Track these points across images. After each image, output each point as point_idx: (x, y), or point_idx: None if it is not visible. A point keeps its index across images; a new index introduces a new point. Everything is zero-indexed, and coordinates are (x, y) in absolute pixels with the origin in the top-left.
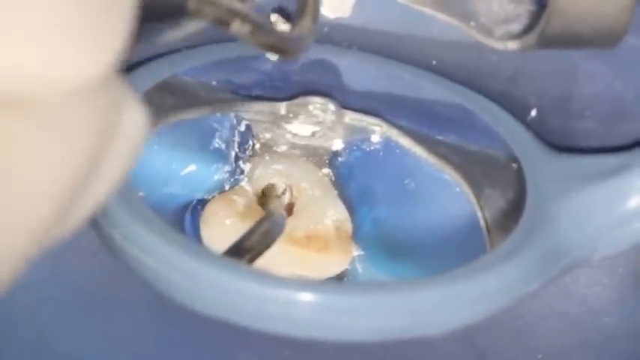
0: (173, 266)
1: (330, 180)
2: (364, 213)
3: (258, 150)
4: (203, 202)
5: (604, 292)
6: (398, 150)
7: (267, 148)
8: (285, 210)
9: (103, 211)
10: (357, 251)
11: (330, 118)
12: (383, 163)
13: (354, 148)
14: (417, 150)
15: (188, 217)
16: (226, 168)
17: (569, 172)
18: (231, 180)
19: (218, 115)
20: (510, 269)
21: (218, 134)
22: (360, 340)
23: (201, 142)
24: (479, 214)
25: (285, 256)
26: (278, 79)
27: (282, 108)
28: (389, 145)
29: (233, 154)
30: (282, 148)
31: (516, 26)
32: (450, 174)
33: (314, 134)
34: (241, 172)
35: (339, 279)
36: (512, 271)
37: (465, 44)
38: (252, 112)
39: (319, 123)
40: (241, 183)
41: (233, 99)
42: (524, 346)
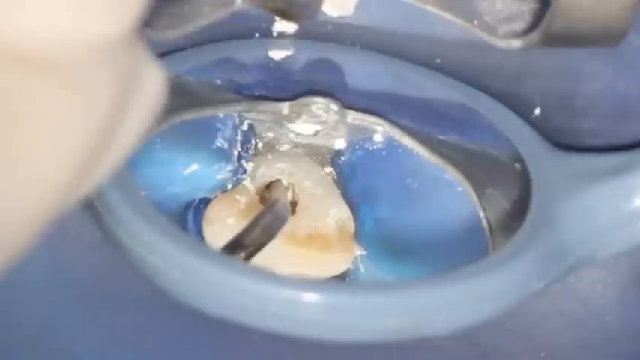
0: (177, 264)
1: (333, 179)
2: (367, 212)
3: (260, 149)
4: (206, 202)
5: (606, 291)
6: (400, 150)
7: (270, 147)
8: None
9: (107, 210)
10: (359, 250)
11: (333, 117)
12: (385, 162)
13: (356, 147)
14: (419, 150)
15: (191, 216)
16: (229, 167)
17: (573, 171)
18: (234, 179)
19: (221, 115)
20: (516, 268)
21: (221, 134)
22: (365, 340)
23: (204, 141)
24: (481, 214)
25: (288, 256)
26: (281, 78)
27: (285, 108)
28: (391, 145)
29: (236, 153)
30: (285, 147)
31: (520, 25)
32: (453, 174)
33: (317, 134)
34: (244, 171)
35: (341, 278)
36: (518, 271)
37: (469, 43)
38: (255, 111)
39: (322, 122)
40: (244, 182)
41: (236, 99)
42: (526, 345)
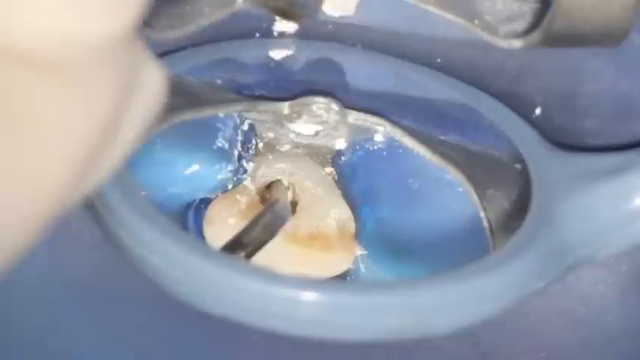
0: (177, 264)
1: (334, 179)
2: (367, 212)
3: (261, 149)
4: (206, 202)
5: (607, 291)
6: (401, 150)
7: (271, 147)
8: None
9: (107, 210)
10: (360, 251)
11: (334, 117)
12: (386, 162)
13: (357, 147)
14: (420, 150)
15: (191, 216)
16: (229, 167)
17: (574, 171)
18: (235, 179)
19: (221, 115)
20: (515, 267)
21: (221, 134)
22: (364, 340)
23: (205, 141)
24: (482, 214)
25: (288, 256)
26: (281, 78)
27: (286, 107)
28: (392, 145)
29: (236, 153)
30: (286, 147)
31: (521, 24)
32: (454, 174)
33: (317, 134)
34: (244, 171)
35: (341, 278)
36: (517, 270)
37: (470, 42)
38: (256, 111)
39: (323, 122)
40: (244, 182)
41: (236, 99)
42: (527, 345)
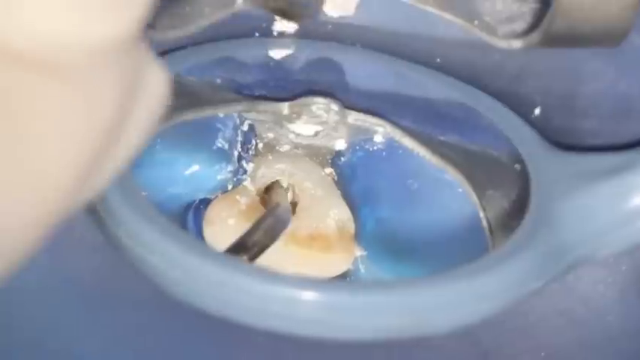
0: (177, 264)
1: (333, 180)
2: (367, 213)
3: (261, 150)
4: (206, 202)
5: (607, 291)
6: (401, 150)
7: (270, 147)
8: None
9: (107, 210)
10: (359, 251)
11: (334, 118)
12: (386, 163)
13: (357, 148)
14: (420, 150)
15: (191, 216)
16: (229, 168)
17: (572, 170)
18: (234, 180)
19: (221, 115)
20: (513, 267)
21: (221, 134)
22: (364, 339)
23: (205, 142)
24: (481, 214)
25: (288, 256)
26: (281, 78)
27: (286, 108)
28: (392, 146)
29: (236, 153)
30: (285, 147)
31: (520, 25)
32: (453, 174)
33: (317, 134)
34: (244, 171)
35: (341, 279)
36: (516, 270)
37: (469, 43)
38: (256, 111)
39: (322, 123)
40: (244, 183)
41: (236, 99)
42: (527, 345)
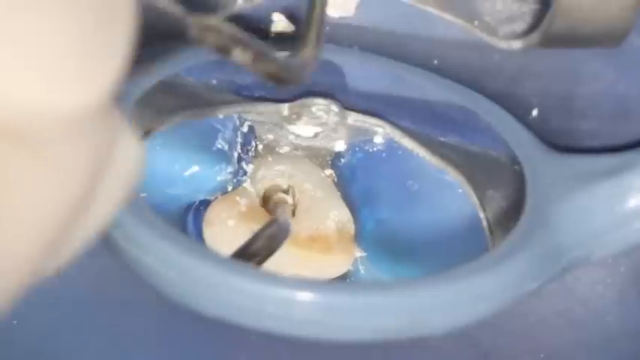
0: (174, 266)
1: (333, 181)
2: (367, 214)
3: (260, 151)
4: (206, 203)
5: (606, 292)
6: (401, 151)
7: (270, 149)
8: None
9: None
10: (359, 252)
11: (333, 119)
12: (386, 164)
13: (356, 149)
14: (419, 151)
15: (191, 218)
16: (229, 169)
17: (569, 172)
18: (234, 181)
19: (221, 117)
20: (510, 268)
21: (221, 135)
22: (361, 340)
23: (204, 143)
24: (481, 215)
25: (288, 258)
26: None
27: (285, 109)
28: (392, 147)
29: (236, 155)
30: (285, 149)
31: (520, 25)
32: (453, 175)
33: (317, 135)
34: (244, 173)
35: (341, 280)
36: (512, 270)
37: (468, 44)
38: (255, 113)
39: (322, 124)
40: (244, 184)
41: (236, 100)
42: (526, 346)
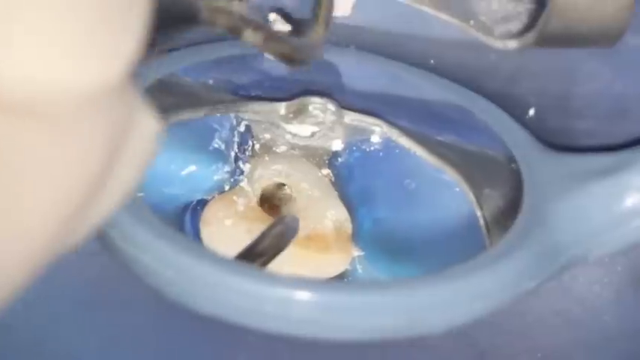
0: (171, 265)
1: (330, 180)
2: (364, 213)
3: (257, 150)
4: (203, 203)
5: (603, 291)
6: (398, 150)
7: (267, 148)
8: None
9: None
10: (357, 252)
11: (330, 118)
12: (383, 163)
13: (353, 148)
14: (416, 150)
15: (188, 217)
16: (226, 168)
17: (566, 171)
18: (231, 180)
19: (218, 116)
20: (507, 267)
21: (218, 135)
22: (359, 340)
23: (201, 142)
24: (478, 213)
25: (286, 257)
26: (278, 79)
27: (282, 108)
28: (389, 146)
29: (233, 154)
30: (282, 148)
31: (516, 25)
32: (450, 174)
33: (314, 135)
34: (241, 172)
35: (339, 280)
36: (509, 270)
37: (464, 43)
38: (252, 112)
39: (319, 123)
40: (241, 183)
41: (233, 99)
42: (523, 345)
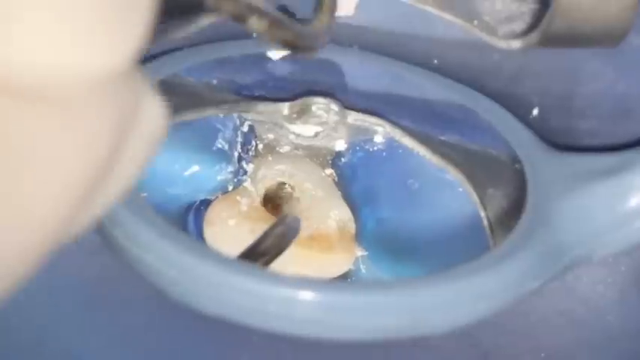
0: (175, 265)
1: (334, 180)
2: (368, 213)
3: (261, 151)
4: (206, 203)
5: (607, 291)
6: (401, 150)
7: (271, 148)
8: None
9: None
10: (360, 251)
11: (333, 118)
12: (386, 163)
13: (357, 148)
14: (420, 150)
15: (191, 217)
16: (229, 169)
17: (569, 171)
18: (235, 180)
19: (221, 116)
20: (511, 267)
21: (221, 135)
22: (362, 340)
23: (205, 142)
24: (482, 213)
25: (289, 257)
26: (281, 79)
27: (285, 108)
28: (392, 146)
29: (236, 154)
30: (285, 148)
31: (519, 25)
32: (453, 174)
33: (317, 135)
34: (244, 172)
35: (342, 279)
36: (513, 270)
37: (468, 43)
38: (255, 112)
39: (322, 123)
40: (244, 184)
41: (236, 99)
42: (527, 345)
